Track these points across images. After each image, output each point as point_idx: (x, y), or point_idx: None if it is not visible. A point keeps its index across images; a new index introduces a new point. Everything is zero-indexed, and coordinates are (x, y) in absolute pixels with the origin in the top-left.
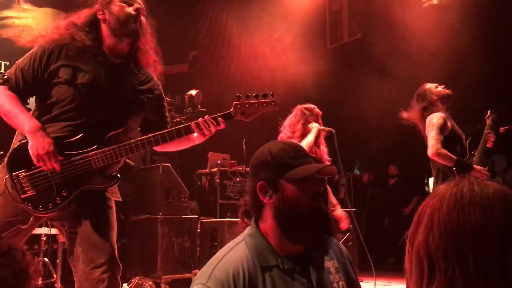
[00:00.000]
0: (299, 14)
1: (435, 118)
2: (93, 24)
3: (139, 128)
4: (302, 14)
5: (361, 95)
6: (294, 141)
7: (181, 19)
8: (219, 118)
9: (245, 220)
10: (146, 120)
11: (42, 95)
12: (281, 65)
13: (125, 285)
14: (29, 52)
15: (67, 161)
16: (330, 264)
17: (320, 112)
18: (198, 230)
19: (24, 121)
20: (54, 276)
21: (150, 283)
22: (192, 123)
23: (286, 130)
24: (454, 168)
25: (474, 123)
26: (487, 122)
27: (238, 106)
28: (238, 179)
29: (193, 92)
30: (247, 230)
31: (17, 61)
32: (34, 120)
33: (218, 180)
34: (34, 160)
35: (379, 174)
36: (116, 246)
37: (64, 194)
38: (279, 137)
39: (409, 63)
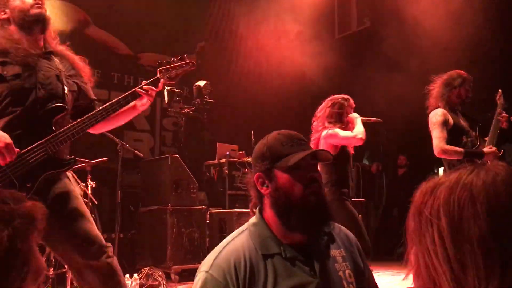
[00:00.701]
0: (306, 4)
1: (435, 116)
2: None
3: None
4: (309, 4)
5: (369, 85)
6: (333, 130)
7: (189, 10)
8: (148, 85)
9: (254, 211)
10: (77, 107)
11: None
12: (289, 56)
13: (135, 275)
14: None
15: (21, 153)
16: (336, 252)
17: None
18: (207, 221)
19: None
20: (65, 266)
21: (160, 273)
22: (135, 89)
23: (321, 121)
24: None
25: (485, 113)
26: (498, 102)
27: (163, 71)
28: (246, 169)
29: (201, 83)
30: (252, 219)
31: None
32: None
33: (226, 171)
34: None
35: (388, 164)
36: (99, 233)
37: (28, 185)
38: (313, 128)
39: (418, 52)
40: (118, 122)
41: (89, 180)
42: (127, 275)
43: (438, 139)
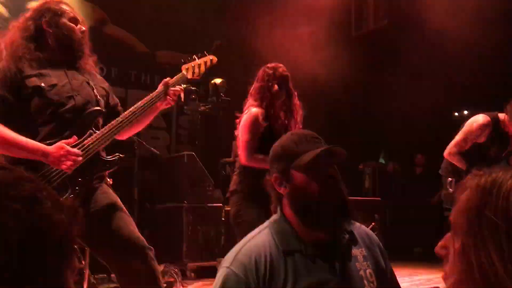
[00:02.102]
0: (323, 3)
1: (475, 123)
2: (37, 36)
3: None
4: (326, 2)
5: (386, 84)
6: None
7: (205, 8)
8: (172, 89)
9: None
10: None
11: (19, 109)
12: (305, 55)
13: None
14: None
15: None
16: (357, 251)
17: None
18: (223, 218)
19: (28, 148)
20: (83, 262)
21: (176, 270)
22: (159, 90)
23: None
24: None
25: None
26: None
27: (187, 68)
28: None
29: (218, 80)
30: (273, 217)
31: None
32: (35, 142)
33: None
34: (64, 168)
35: (404, 164)
36: (140, 235)
37: (77, 188)
38: None
39: (436, 51)
40: (141, 125)
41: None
42: None
43: (455, 142)
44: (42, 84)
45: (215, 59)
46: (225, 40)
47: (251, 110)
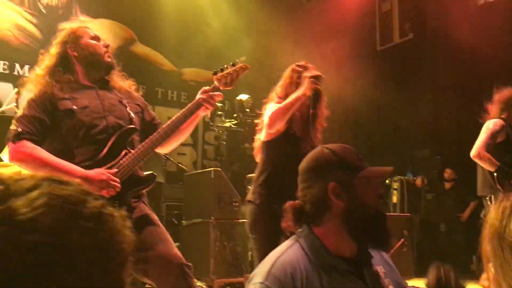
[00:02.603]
0: (347, 18)
1: (492, 124)
2: (65, 61)
3: None
4: (350, 18)
5: (413, 97)
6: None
7: (230, 26)
8: (211, 93)
9: (297, 225)
10: (143, 128)
11: (54, 132)
12: (330, 71)
13: None
14: (27, 101)
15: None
16: (378, 268)
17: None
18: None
19: (68, 170)
20: None
21: (204, 286)
22: (196, 102)
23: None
24: (495, 174)
25: None
26: None
27: (219, 78)
28: None
29: (243, 97)
30: (299, 233)
31: (18, 116)
32: (74, 166)
33: None
34: (104, 194)
35: (432, 178)
36: (179, 253)
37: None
38: None
39: (462, 64)
40: (184, 134)
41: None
42: None
43: (480, 143)
44: (74, 107)
45: (246, 66)
46: (249, 56)
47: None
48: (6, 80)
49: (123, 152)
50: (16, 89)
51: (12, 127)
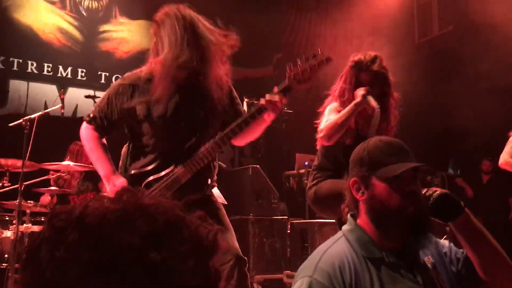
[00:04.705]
0: (385, 11)
1: None
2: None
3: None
4: (388, 12)
5: (453, 91)
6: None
7: (265, 23)
8: (279, 94)
9: (346, 210)
10: (223, 121)
11: (127, 130)
12: None
13: None
14: (106, 92)
15: (156, 186)
16: (426, 259)
17: None
18: (288, 231)
19: (100, 166)
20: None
21: None
22: (260, 104)
23: None
24: None
25: None
26: None
27: (292, 76)
28: None
29: None
30: (345, 226)
31: (97, 102)
32: (108, 165)
33: (306, 181)
34: None
35: (474, 173)
36: (237, 245)
37: None
38: None
39: (506, 57)
40: (251, 136)
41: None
42: None
43: (506, 154)
44: (151, 113)
45: (329, 58)
46: (285, 53)
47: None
48: (50, 82)
49: (172, 167)
50: (61, 90)
51: (92, 108)
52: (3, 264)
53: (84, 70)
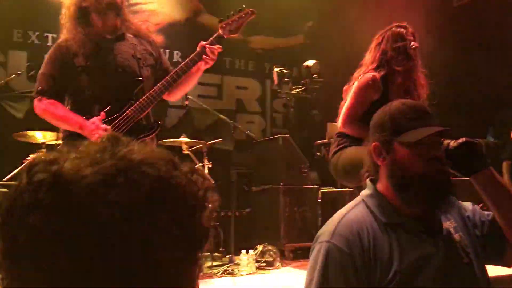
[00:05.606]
0: None
1: None
2: (82, 13)
3: None
4: None
5: (492, 55)
6: None
7: None
8: (213, 42)
9: (367, 175)
10: (156, 78)
11: (69, 87)
12: None
13: (251, 251)
14: (46, 58)
15: (114, 123)
16: (447, 224)
17: None
18: (319, 200)
19: (68, 121)
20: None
21: (275, 250)
22: (200, 45)
23: None
24: None
25: None
26: None
27: (224, 26)
28: None
29: (310, 62)
30: (364, 191)
31: (40, 71)
32: (75, 116)
33: None
34: (94, 138)
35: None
36: None
37: None
38: None
39: None
40: (188, 86)
41: (206, 161)
42: (243, 251)
43: None
44: (88, 63)
45: (253, 11)
46: (316, 21)
47: (367, 74)
48: None
49: (129, 103)
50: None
51: (36, 84)
52: None
53: None
